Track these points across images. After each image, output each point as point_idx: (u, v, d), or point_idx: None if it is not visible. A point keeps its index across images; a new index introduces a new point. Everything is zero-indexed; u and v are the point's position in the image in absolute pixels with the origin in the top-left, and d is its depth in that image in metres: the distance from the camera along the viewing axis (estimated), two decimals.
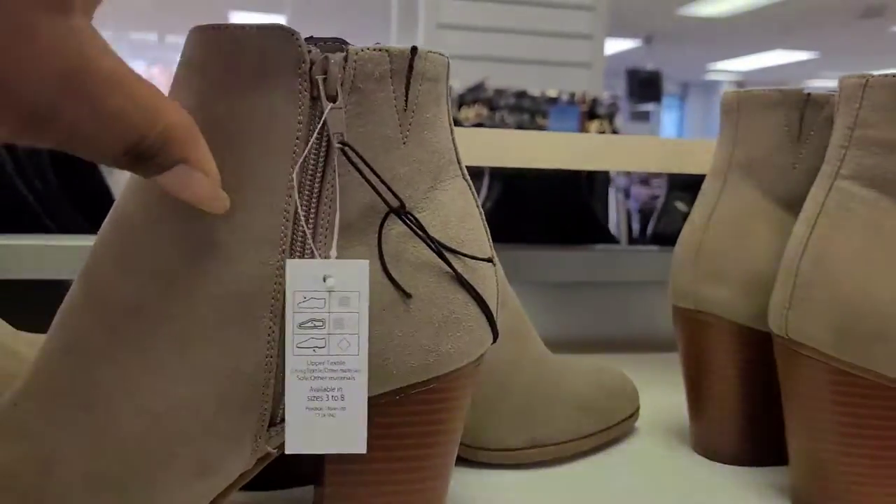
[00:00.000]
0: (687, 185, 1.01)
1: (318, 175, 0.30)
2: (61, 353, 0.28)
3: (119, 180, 0.99)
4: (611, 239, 1.00)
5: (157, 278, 0.28)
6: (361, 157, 0.29)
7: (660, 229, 1.02)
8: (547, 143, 0.61)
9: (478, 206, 0.35)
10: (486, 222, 0.35)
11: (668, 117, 8.65)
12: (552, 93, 2.55)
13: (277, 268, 0.29)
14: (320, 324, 0.30)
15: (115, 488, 0.28)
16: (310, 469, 0.38)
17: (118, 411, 0.28)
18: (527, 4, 2.69)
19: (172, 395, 0.28)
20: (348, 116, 0.30)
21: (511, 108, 2.48)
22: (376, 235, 0.31)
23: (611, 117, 2.56)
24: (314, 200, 0.30)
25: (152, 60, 5.76)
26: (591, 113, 2.51)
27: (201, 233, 0.28)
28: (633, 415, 0.49)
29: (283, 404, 0.30)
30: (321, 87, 0.28)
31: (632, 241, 1.65)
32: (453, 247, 0.32)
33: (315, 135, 0.29)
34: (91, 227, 0.77)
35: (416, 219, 0.31)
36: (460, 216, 0.33)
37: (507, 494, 0.41)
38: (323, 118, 0.29)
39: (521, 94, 2.55)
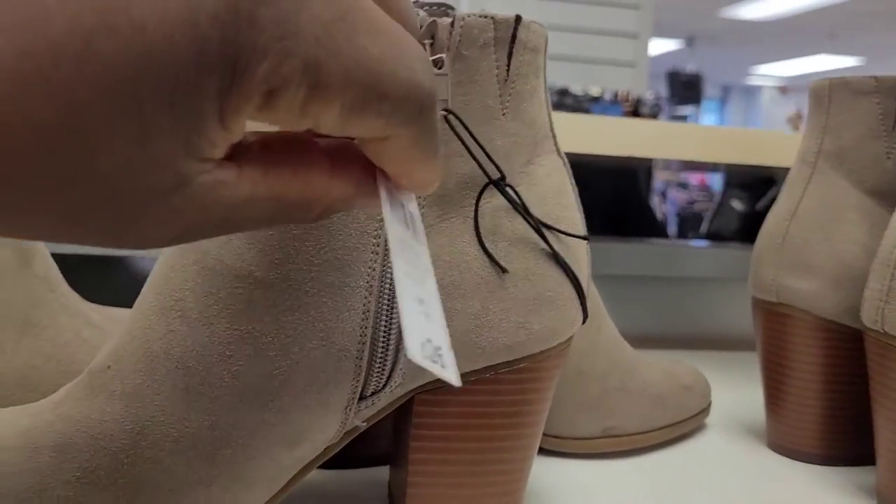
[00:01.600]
0: (745, 184, 0.99)
1: None
2: (157, 315, 0.28)
3: None
4: (663, 234, 0.98)
5: (255, 244, 0.28)
6: (466, 127, 0.29)
7: (714, 228, 1.00)
8: (601, 129, 0.60)
9: (572, 183, 0.34)
10: (579, 201, 0.34)
11: (706, 121, 8.54)
12: (595, 91, 2.52)
13: (375, 237, 0.28)
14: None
15: (205, 454, 0.27)
16: (385, 449, 0.38)
17: (212, 376, 0.27)
18: (571, 1, 2.66)
19: (264, 363, 0.27)
20: (451, 84, 0.29)
21: (553, 106, 2.45)
22: (472, 208, 0.30)
23: (654, 117, 2.52)
24: None
25: None
26: (634, 112, 2.48)
27: None
28: (705, 410, 0.48)
29: (374, 377, 0.29)
30: (427, 53, 0.28)
31: None
32: (549, 223, 0.31)
33: None
34: None
35: (516, 191, 0.30)
36: (556, 192, 0.32)
37: (576, 483, 0.40)
38: None
39: (564, 92, 2.52)
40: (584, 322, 0.33)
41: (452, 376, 0.24)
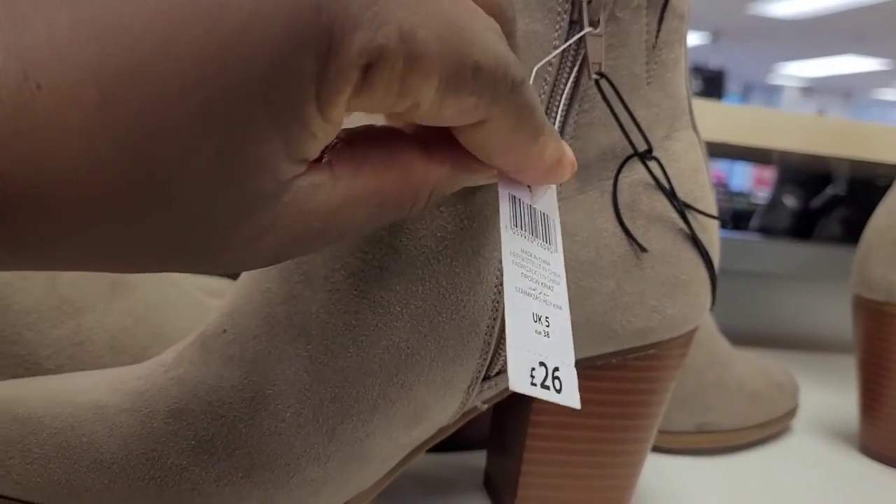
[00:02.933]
0: (799, 181, 0.96)
1: (564, 108, 0.27)
2: (278, 278, 0.26)
3: None
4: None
5: None
6: (617, 92, 0.26)
7: (765, 223, 0.97)
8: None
9: (706, 162, 0.32)
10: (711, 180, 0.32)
11: None
12: None
13: None
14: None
15: (326, 429, 0.25)
16: (478, 434, 0.36)
17: (336, 346, 0.25)
18: None
19: (391, 334, 0.26)
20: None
21: None
22: (611, 182, 0.28)
23: None
24: None
25: None
26: None
27: None
28: (793, 411, 0.46)
29: (502, 357, 0.27)
30: (584, 10, 0.26)
31: None
32: (688, 202, 0.29)
33: (570, 62, 0.26)
34: None
35: (662, 166, 0.28)
36: (693, 170, 0.30)
37: (669, 481, 0.38)
38: (583, 45, 0.26)
39: None
40: (712, 308, 0.31)
41: (570, 399, 0.21)
